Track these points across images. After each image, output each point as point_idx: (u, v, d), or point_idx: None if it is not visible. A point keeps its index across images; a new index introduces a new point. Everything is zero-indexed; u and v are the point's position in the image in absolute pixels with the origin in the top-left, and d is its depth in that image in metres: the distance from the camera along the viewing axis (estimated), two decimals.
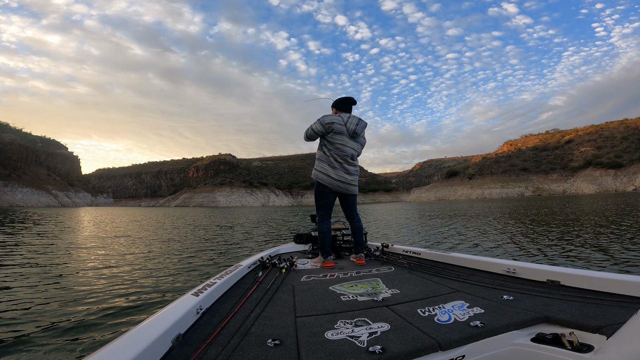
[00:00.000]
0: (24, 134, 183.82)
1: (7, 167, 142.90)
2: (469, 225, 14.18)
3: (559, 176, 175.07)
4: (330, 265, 3.05)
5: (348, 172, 3.23)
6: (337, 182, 3.20)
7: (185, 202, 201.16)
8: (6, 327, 3.38)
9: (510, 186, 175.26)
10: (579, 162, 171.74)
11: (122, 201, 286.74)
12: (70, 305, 4.09)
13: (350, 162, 3.26)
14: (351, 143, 3.23)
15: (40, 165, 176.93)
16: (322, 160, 3.25)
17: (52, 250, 8.70)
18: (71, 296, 4.48)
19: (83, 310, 3.88)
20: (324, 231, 3.24)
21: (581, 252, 6.79)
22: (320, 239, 3.22)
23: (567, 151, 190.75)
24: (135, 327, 1.26)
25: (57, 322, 3.50)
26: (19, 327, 3.41)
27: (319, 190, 3.30)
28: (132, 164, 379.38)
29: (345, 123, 3.19)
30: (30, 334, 3.20)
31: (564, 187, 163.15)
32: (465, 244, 9.01)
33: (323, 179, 3.21)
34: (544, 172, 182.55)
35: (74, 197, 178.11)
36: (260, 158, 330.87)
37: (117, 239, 11.70)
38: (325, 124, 3.17)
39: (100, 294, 4.60)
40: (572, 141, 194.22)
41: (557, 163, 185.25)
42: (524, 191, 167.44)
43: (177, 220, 25.66)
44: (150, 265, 6.67)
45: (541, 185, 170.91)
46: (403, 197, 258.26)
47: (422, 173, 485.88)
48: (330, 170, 3.20)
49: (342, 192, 3.27)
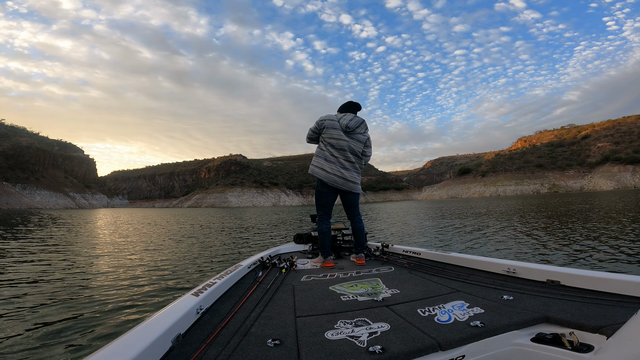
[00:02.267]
0: (41, 138, 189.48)
1: (25, 171, 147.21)
2: (501, 226, 12.73)
3: (576, 172, 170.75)
4: (330, 265, 3.04)
5: (344, 167, 3.21)
6: (333, 177, 3.18)
7: (198, 203, 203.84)
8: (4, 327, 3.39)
9: (525, 183, 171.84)
10: (597, 158, 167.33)
11: (136, 202, 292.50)
12: (71, 305, 4.11)
13: (348, 156, 3.23)
14: (346, 138, 3.23)
15: (57, 168, 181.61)
16: (318, 155, 3.29)
17: (58, 250, 8.73)
18: (71, 297, 4.50)
19: (83, 310, 3.91)
20: (323, 231, 3.22)
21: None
22: (320, 239, 3.21)
23: (583, 147, 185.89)
24: (135, 327, 1.26)
25: (57, 322, 3.53)
26: (18, 327, 3.42)
27: (319, 190, 3.30)
28: (146, 166, 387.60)
29: (338, 119, 3.25)
30: (30, 335, 3.19)
31: (581, 184, 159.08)
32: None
33: (319, 173, 3.22)
34: (560, 168, 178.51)
35: (90, 199, 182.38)
36: (270, 158, 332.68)
37: (126, 240, 11.75)
38: (319, 121, 3.29)
39: (100, 293, 4.62)
40: (589, 137, 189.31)
41: (574, 159, 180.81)
42: (540, 188, 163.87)
43: (189, 221, 25.78)
44: (152, 266, 6.64)
45: (558, 182, 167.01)
46: (414, 195, 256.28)
47: (433, 171, 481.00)
48: (325, 164, 3.20)
49: (340, 188, 3.23)
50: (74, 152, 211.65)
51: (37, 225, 20.20)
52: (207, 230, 15.83)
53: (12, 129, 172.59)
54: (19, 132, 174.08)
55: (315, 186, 3.34)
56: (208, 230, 15.83)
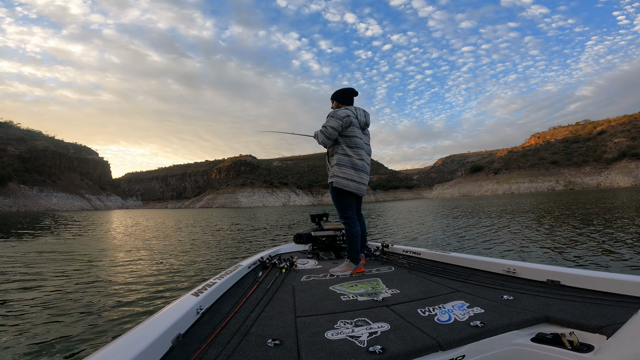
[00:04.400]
0: (57, 141, 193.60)
1: (42, 174, 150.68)
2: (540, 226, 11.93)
3: (592, 169, 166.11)
4: (362, 271, 2.80)
5: (367, 172, 3.01)
6: (361, 186, 2.97)
7: (209, 204, 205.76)
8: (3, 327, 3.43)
9: (539, 180, 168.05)
10: (613, 154, 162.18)
11: (150, 203, 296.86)
12: (71, 305, 4.16)
13: (368, 158, 3.05)
14: (364, 137, 3.02)
15: (73, 170, 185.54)
16: (343, 165, 2.91)
17: (60, 251, 8.79)
18: (73, 295, 4.58)
19: (83, 310, 3.95)
20: (357, 234, 2.96)
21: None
22: (352, 244, 2.92)
23: (599, 143, 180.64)
24: (135, 327, 1.26)
25: (56, 322, 3.57)
26: (18, 325, 3.45)
27: (341, 195, 2.98)
28: (159, 167, 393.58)
29: (357, 115, 2.94)
30: (29, 334, 3.22)
31: (597, 180, 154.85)
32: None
33: (349, 185, 2.90)
34: (575, 165, 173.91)
35: (105, 201, 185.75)
36: (280, 158, 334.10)
37: (131, 240, 11.85)
38: (342, 117, 2.85)
39: (100, 293, 4.69)
40: (605, 132, 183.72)
41: (590, 155, 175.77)
42: (555, 185, 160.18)
43: (199, 222, 25.94)
44: (152, 266, 6.71)
45: (573, 179, 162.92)
46: (425, 193, 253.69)
47: (444, 169, 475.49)
48: (354, 174, 2.92)
49: (362, 194, 3.04)
50: (89, 154, 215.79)
51: (41, 229, 20.46)
52: (221, 230, 15.81)
53: (28, 133, 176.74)
54: (35, 136, 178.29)
55: (335, 192, 3.00)
56: (222, 230, 15.81)
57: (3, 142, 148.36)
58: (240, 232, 15.37)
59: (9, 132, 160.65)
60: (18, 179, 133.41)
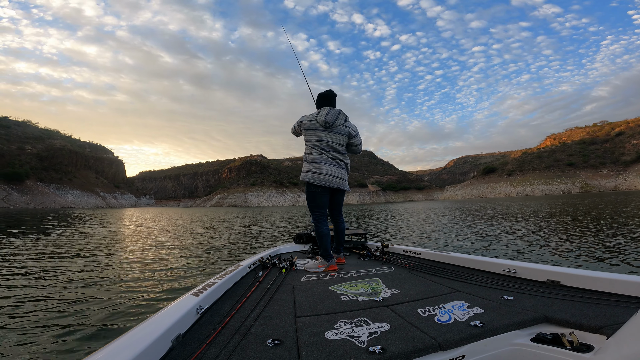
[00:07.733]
0: (73, 140, 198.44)
1: (58, 172, 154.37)
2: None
3: (610, 171, 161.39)
4: (335, 269, 2.93)
5: (332, 165, 3.12)
6: (320, 176, 3.08)
7: (220, 203, 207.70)
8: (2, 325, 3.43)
9: (555, 182, 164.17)
10: (632, 156, 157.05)
11: (162, 202, 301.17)
12: (71, 305, 4.15)
13: (332, 153, 3.13)
14: (328, 134, 3.12)
15: (89, 169, 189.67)
16: (305, 161, 3.20)
17: (63, 251, 8.84)
18: (73, 295, 4.57)
19: (83, 310, 3.94)
20: (324, 233, 3.07)
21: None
22: (321, 242, 3.05)
23: (617, 144, 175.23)
24: (135, 327, 1.26)
25: (56, 321, 3.56)
26: (18, 325, 3.44)
27: (310, 191, 3.17)
28: (171, 167, 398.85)
29: (315, 117, 3.14)
30: (28, 334, 3.20)
31: (615, 183, 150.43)
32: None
33: (307, 176, 3.12)
34: (592, 167, 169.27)
35: (119, 199, 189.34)
36: (289, 158, 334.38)
37: (137, 239, 11.87)
38: (297, 123, 3.26)
39: (100, 293, 4.68)
40: (623, 133, 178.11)
41: (607, 157, 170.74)
42: (571, 188, 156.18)
43: (205, 222, 26.02)
44: (153, 266, 6.69)
45: (590, 182, 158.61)
46: (436, 195, 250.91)
47: (456, 170, 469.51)
48: (312, 166, 3.12)
49: (330, 186, 3.11)
50: (104, 153, 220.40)
51: (52, 228, 20.76)
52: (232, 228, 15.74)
53: (46, 132, 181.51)
54: (53, 135, 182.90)
55: (306, 188, 3.22)
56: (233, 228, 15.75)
57: (21, 141, 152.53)
58: (246, 232, 15.29)
59: (27, 131, 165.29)
60: (35, 177, 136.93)
